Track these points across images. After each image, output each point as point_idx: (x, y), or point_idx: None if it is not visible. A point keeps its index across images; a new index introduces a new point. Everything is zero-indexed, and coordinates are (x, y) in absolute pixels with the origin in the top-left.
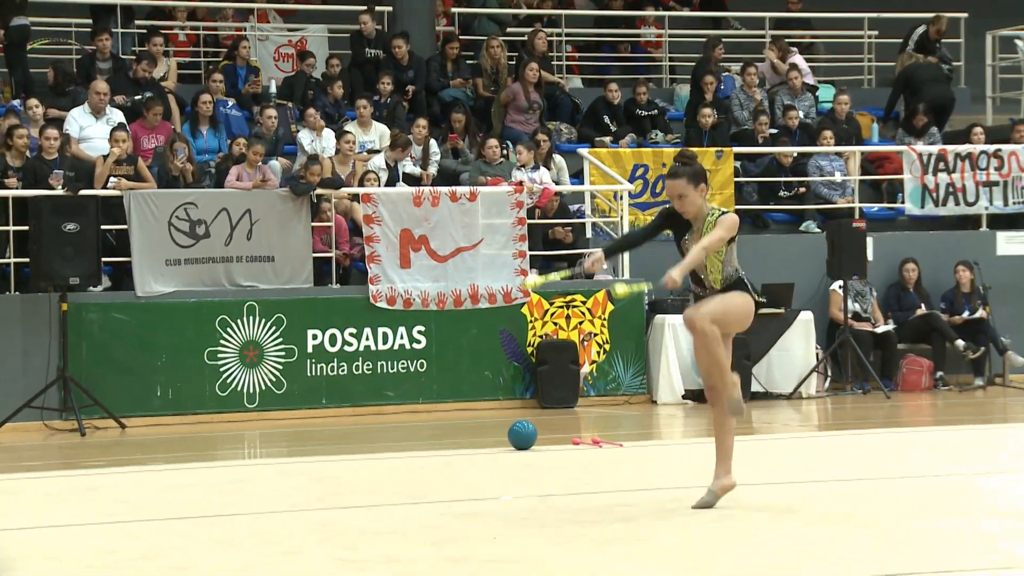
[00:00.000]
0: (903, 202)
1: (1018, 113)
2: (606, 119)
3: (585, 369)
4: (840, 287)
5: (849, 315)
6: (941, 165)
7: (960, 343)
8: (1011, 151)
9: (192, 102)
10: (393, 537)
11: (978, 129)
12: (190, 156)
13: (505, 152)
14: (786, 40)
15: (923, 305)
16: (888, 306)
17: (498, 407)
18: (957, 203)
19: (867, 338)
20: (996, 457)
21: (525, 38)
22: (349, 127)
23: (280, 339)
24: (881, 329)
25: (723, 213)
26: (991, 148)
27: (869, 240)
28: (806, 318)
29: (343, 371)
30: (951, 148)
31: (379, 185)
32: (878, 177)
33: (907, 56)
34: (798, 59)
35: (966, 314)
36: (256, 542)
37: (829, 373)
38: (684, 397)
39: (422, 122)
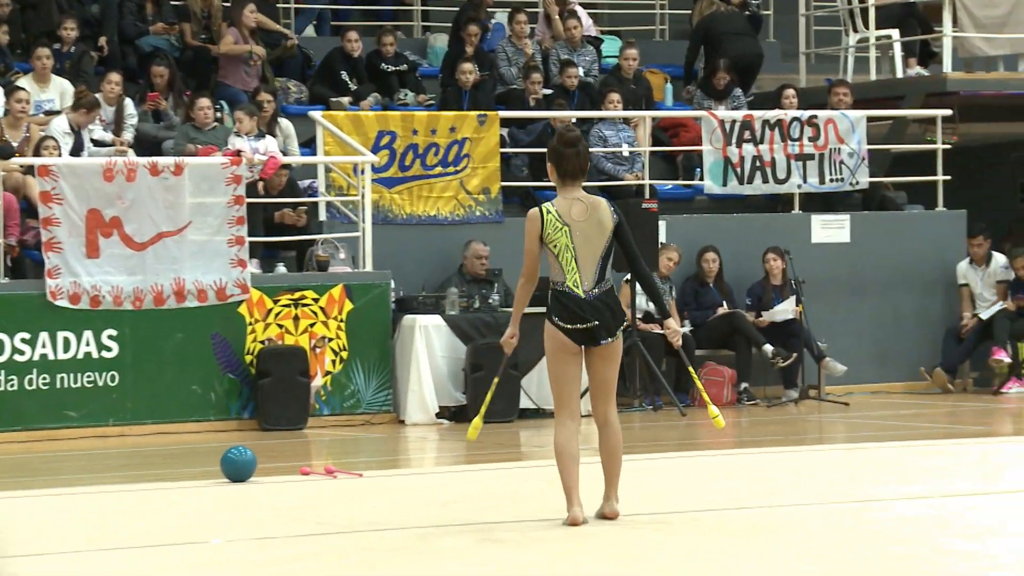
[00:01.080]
0: (702, 179)
1: (836, 73)
2: (344, 76)
3: (317, 382)
4: (628, 281)
5: (639, 315)
6: (747, 134)
7: (768, 348)
8: (828, 118)
9: None
10: None
11: (790, 91)
12: None
13: (219, 115)
14: None
15: (725, 303)
16: (684, 303)
17: (209, 429)
18: (765, 180)
19: (659, 343)
20: (805, 484)
21: None
22: (22, 82)
23: None
24: (671, 338)
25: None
26: (805, 114)
27: (661, 224)
28: None
29: (12, 386)
30: (758, 114)
31: (60, 155)
32: (672, 148)
33: (706, 4)
34: (577, 7)
35: (777, 307)
36: None
37: None
38: (438, 416)
39: (115, 77)
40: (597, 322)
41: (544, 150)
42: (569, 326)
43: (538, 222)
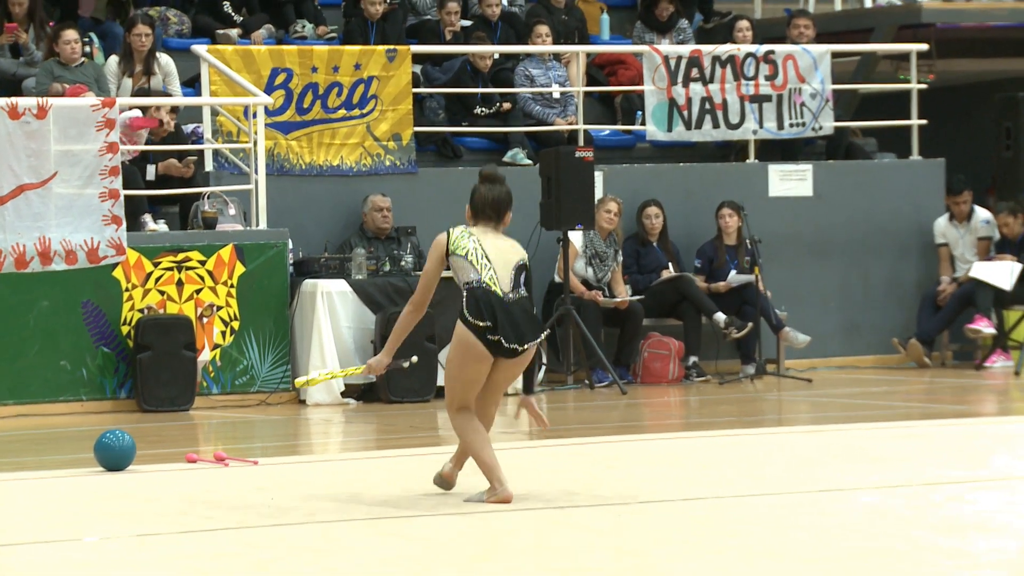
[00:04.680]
0: (643, 123)
1: (796, 2)
2: (227, 7)
3: (204, 357)
4: (563, 240)
5: (579, 280)
6: (694, 72)
7: (720, 317)
8: (787, 55)
9: None
10: None
11: (743, 23)
12: None
13: (88, 49)
14: None
15: (671, 265)
16: (624, 267)
17: (80, 411)
18: (716, 125)
19: (595, 312)
20: (762, 472)
21: None
22: None
23: None
24: (617, 300)
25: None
26: (761, 50)
27: (598, 175)
28: None
29: None
30: (707, 49)
31: None
32: (610, 89)
33: None
34: None
35: (732, 275)
36: None
37: (544, 360)
38: (344, 395)
39: None
40: (516, 344)
41: (462, 90)
42: (485, 329)
43: (444, 240)
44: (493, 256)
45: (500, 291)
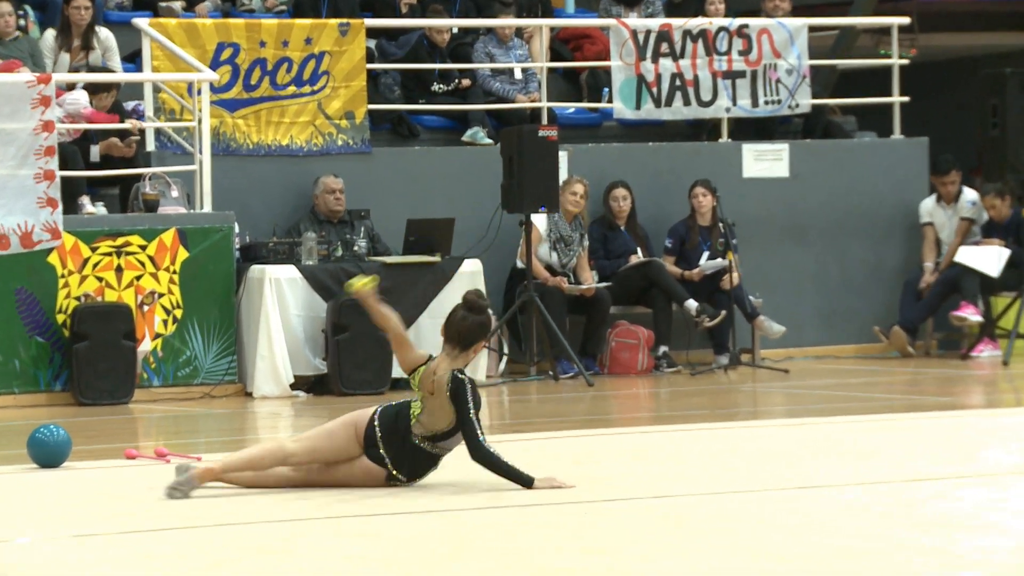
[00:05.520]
0: (610, 101)
1: None
2: None
3: (146, 347)
4: (525, 224)
5: (542, 266)
6: (664, 47)
7: (692, 305)
8: (761, 28)
9: None
10: None
11: None
12: None
13: (23, 22)
14: None
15: (639, 250)
16: (591, 252)
17: (12, 404)
18: (687, 102)
19: (559, 299)
20: (736, 467)
21: None
22: None
23: None
24: (583, 287)
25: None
26: (734, 23)
27: (562, 156)
28: (472, 269)
29: None
30: (677, 23)
31: None
32: (575, 64)
33: None
34: None
35: (704, 260)
36: None
37: (506, 350)
38: (293, 388)
39: None
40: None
41: (418, 66)
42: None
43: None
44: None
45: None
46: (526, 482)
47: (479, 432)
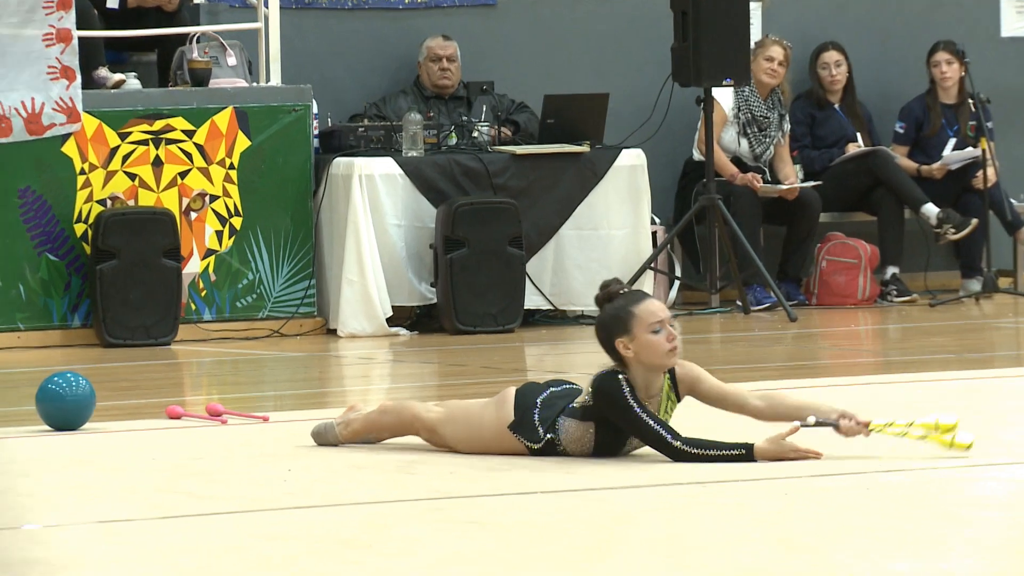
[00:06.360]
0: None
1: None
2: None
3: (194, 268)
4: (704, 102)
5: (728, 158)
6: None
7: (932, 210)
8: None
9: None
10: None
11: None
12: None
13: None
14: None
15: (859, 136)
16: (794, 139)
17: (17, 344)
18: None
19: (753, 203)
20: (1001, 436)
21: None
22: None
23: None
24: (784, 187)
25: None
26: None
27: (755, 9)
28: (632, 162)
29: None
30: None
31: None
32: None
33: None
34: None
35: (949, 150)
36: None
37: (679, 274)
38: (391, 323)
39: None
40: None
41: None
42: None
43: None
44: None
45: None
46: (747, 456)
47: (662, 432)
